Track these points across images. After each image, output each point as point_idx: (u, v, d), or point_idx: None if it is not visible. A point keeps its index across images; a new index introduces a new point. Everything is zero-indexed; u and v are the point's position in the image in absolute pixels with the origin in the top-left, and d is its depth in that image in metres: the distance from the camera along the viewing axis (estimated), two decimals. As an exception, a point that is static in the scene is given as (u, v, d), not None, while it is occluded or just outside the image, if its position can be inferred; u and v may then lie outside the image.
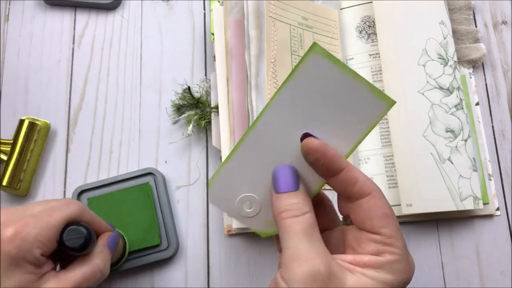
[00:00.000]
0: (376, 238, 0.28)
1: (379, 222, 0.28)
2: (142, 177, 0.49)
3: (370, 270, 0.27)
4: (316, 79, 0.28)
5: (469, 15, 0.53)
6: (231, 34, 0.48)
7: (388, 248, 0.28)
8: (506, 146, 0.50)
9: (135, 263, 0.46)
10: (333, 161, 0.28)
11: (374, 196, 0.28)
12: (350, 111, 0.29)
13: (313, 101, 0.29)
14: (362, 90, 0.28)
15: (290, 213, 0.28)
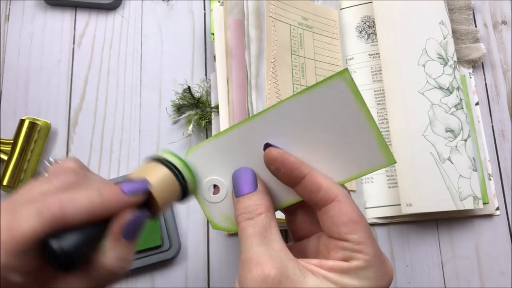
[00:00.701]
0: (344, 245, 0.26)
1: (346, 229, 0.26)
2: None
3: (334, 274, 0.26)
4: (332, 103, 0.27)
5: (469, 15, 0.53)
6: (231, 34, 0.49)
7: (356, 254, 0.26)
8: (506, 146, 0.50)
9: (137, 264, 0.46)
10: (293, 169, 0.28)
11: (339, 202, 0.27)
12: (349, 149, 0.28)
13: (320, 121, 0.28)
14: (370, 134, 0.27)
15: (244, 216, 0.28)
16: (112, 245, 0.26)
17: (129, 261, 0.27)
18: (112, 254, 0.26)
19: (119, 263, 0.27)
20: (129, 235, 0.27)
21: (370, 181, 0.50)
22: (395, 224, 0.49)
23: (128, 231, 0.27)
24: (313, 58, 0.50)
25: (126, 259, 0.27)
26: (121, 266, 0.27)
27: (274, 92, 0.46)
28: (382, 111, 0.51)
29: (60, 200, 0.25)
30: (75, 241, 0.24)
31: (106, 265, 0.26)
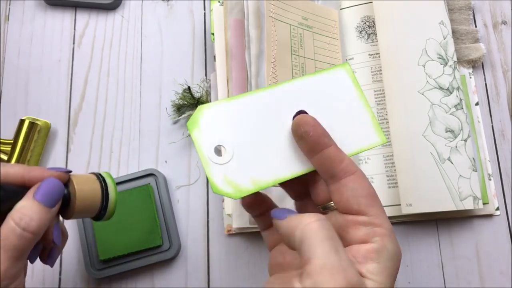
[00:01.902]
0: (364, 220, 0.27)
1: (366, 201, 0.27)
2: (143, 178, 0.49)
3: (373, 264, 0.26)
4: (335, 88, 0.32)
5: (469, 15, 0.53)
6: (231, 34, 0.49)
7: (377, 230, 0.27)
8: (505, 146, 0.50)
9: (137, 264, 0.46)
10: (323, 135, 0.29)
11: (359, 176, 0.28)
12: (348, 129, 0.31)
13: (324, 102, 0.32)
14: (367, 117, 0.32)
15: (312, 216, 0.26)
16: (23, 203, 0.30)
17: (33, 221, 0.29)
18: (20, 209, 0.29)
19: (20, 215, 0.29)
20: (41, 196, 0.30)
21: (370, 181, 0.49)
22: (395, 224, 0.49)
23: (40, 191, 0.30)
24: (313, 58, 0.50)
25: (28, 214, 0.29)
26: (21, 218, 0.29)
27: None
28: (382, 111, 0.51)
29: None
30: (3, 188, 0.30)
31: (11, 215, 0.29)
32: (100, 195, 0.34)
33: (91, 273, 0.46)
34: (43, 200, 0.30)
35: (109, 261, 0.46)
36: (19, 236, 0.29)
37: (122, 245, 0.46)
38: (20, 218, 0.29)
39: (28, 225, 0.29)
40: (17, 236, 0.29)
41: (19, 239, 0.29)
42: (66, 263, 0.48)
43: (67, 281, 0.48)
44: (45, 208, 0.30)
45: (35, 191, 0.30)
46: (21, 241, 0.29)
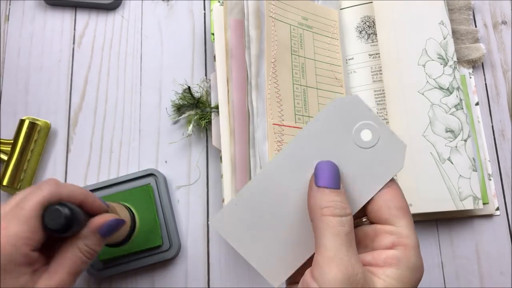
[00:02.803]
0: (392, 229, 0.28)
1: (397, 212, 0.28)
2: (144, 178, 0.49)
3: (391, 269, 0.27)
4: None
5: (469, 15, 0.53)
6: (231, 34, 0.49)
7: (403, 240, 0.27)
8: (505, 146, 0.50)
9: (137, 264, 0.46)
10: None
11: (394, 189, 0.29)
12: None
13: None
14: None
15: (333, 210, 0.27)
16: (87, 234, 0.34)
17: (95, 252, 0.35)
18: (86, 240, 0.34)
19: (87, 249, 0.34)
20: (104, 232, 0.35)
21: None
22: (395, 224, 0.49)
23: (105, 229, 0.35)
24: (313, 58, 0.50)
25: (94, 247, 0.35)
26: (89, 252, 0.34)
27: (274, 92, 0.46)
28: (382, 111, 0.51)
29: (56, 182, 0.34)
30: (70, 209, 0.32)
31: (79, 247, 0.34)
32: (130, 223, 0.40)
33: (92, 273, 0.46)
34: (104, 235, 0.35)
35: (109, 261, 0.46)
36: (83, 263, 0.34)
37: (121, 246, 0.46)
38: (87, 252, 0.34)
39: (93, 256, 0.35)
40: (82, 263, 0.34)
41: (82, 265, 0.34)
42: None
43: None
44: (104, 239, 0.36)
45: (101, 228, 0.35)
46: (83, 266, 0.34)
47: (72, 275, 0.33)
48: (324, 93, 0.50)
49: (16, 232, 0.30)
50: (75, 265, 0.33)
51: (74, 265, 0.33)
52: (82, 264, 0.34)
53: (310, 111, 0.48)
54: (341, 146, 0.30)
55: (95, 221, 0.35)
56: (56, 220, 0.31)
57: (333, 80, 0.51)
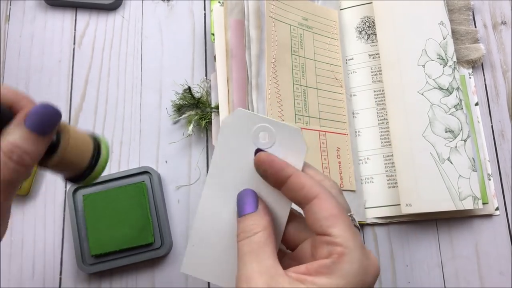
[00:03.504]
0: (327, 239, 0.28)
1: (326, 222, 0.28)
2: (138, 175, 0.49)
3: (322, 278, 0.27)
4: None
5: (469, 15, 0.53)
6: (231, 34, 0.49)
7: (337, 248, 0.27)
8: (505, 146, 0.50)
9: (128, 260, 0.46)
10: (279, 170, 0.30)
11: (320, 198, 0.29)
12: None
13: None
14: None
15: (242, 235, 0.30)
16: (11, 129, 0.26)
17: (25, 152, 0.26)
18: (8, 137, 0.26)
19: (11, 147, 0.26)
20: (31, 122, 0.26)
21: (370, 181, 0.50)
22: (395, 224, 0.49)
23: (32, 117, 0.26)
24: (313, 59, 0.50)
25: (20, 145, 0.26)
26: (13, 151, 0.26)
27: (275, 92, 0.46)
28: (382, 112, 0.51)
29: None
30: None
31: (1, 146, 0.26)
32: (92, 149, 0.30)
33: (82, 267, 0.46)
34: (36, 129, 0.26)
35: (101, 257, 0.46)
36: (12, 171, 0.26)
37: (114, 241, 0.46)
38: (11, 150, 0.26)
39: (21, 159, 0.26)
40: (10, 170, 0.26)
41: (12, 173, 0.26)
42: (67, 263, 0.48)
43: (67, 281, 0.48)
44: (38, 137, 0.26)
45: (26, 117, 0.26)
46: (14, 175, 0.26)
47: (7, 193, 0.26)
48: (324, 93, 0.50)
49: None
50: (4, 177, 0.26)
51: (4, 178, 0.26)
52: (14, 175, 0.26)
53: (310, 111, 0.48)
54: (250, 160, 0.31)
55: (19, 113, 0.27)
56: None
57: (333, 80, 0.51)
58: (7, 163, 0.26)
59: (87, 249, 0.47)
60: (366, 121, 0.52)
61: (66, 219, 0.50)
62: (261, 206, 0.31)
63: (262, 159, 0.30)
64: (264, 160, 0.30)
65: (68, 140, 0.28)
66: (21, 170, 0.26)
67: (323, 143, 0.48)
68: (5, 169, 0.26)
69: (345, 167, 0.48)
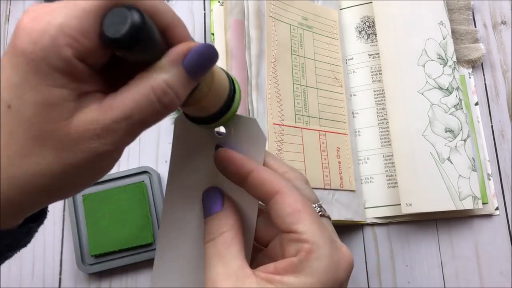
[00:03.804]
0: (293, 237, 0.26)
1: (290, 219, 0.26)
2: (138, 175, 0.49)
3: (290, 277, 0.25)
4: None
5: (469, 15, 0.53)
6: (231, 34, 0.49)
7: (304, 245, 0.26)
8: (505, 146, 0.50)
9: (127, 260, 0.47)
10: (239, 166, 0.28)
11: (282, 193, 0.27)
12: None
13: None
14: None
15: (208, 237, 0.28)
16: (165, 65, 0.22)
17: (177, 94, 0.23)
18: (164, 75, 0.22)
19: (165, 83, 0.22)
20: (190, 63, 0.23)
21: (370, 181, 0.50)
22: (395, 224, 0.49)
23: (191, 57, 0.23)
24: (313, 58, 0.50)
25: (176, 83, 0.22)
26: (168, 87, 0.22)
27: (275, 92, 0.46)
28: (381, 111, 0.51)
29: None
30: (141, 16, 0.21)
31: (152, 82, 0.22)
32: (227, 94, 0.27)
33: (82, 267, 0.46)
34: (193, 71, 0.23)
35: (101, 257, 0.47)
36: (155, 113, 0.22)
37: (113, 241, 0.46)
38: (164, 92, 0.22)
39: (171, 102, 0.23)
40: (153, 111, 0.22)
41: (153, 115, 0.22)
42: (66, 263, 0.48)
43: (67, 281, 0.48)
44: (191, 80, 0.23)
45: (187, 57, 0.23)
46: (154, 118, 0.23)
47: (131, 121, 0.22)
48: (324, 93, 0.50)
49: (60, 22, 0.20)
50: (138, 106, 0.22)
51: (138, 106, 0.22)
52: (154, 117, 0.23)
53: (310, 111, 0.48)
54: (209, 155, 0.29)
55: (178, 48, 0.23)
56: (118, 26, 0.21)
57: (333, 80, 0.51)
58: (154, 104, 0.22)
59: (87, 249, 0.47)
60: (366, 121, 0.52)
61: (65, 219, 0.50)
62: (227, 205, 0.29)
63: (221, 156, 0.28)
64: (222, 157, 0.28)
65: (211, 80, 0.26)
66: (164, 114, 0.23)
67: (323, 143, 0.48)
68: (149, 110, 0.22)
69: (345, 167, 0.48)
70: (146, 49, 0.22)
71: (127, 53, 0.21)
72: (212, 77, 0.26)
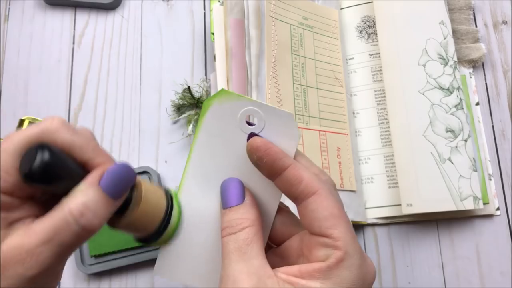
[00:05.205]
0: (325, 241, 0.25)
1: (326, 223, 0.25)
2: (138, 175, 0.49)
3: (315, 282, 0.24)
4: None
5: (469, 15, 0.53)
6: (231, 34, 0.48)
7: (336, 252, 0.25)
8: (506, 146, 0.50)
9: (127, 260, 0.46)
10: (276, 159, 0.27)
11: (320, 195, 0.26)
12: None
13: None
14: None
15: (227, 230, 0.27)
16: (81, 189, 0.24)
17: (98, 210, 0.24)
18: (80, 197, 0.24)
19: (80, 207, 0.23)
20: (106, 183, 0.25)
21: (371, 181, 0.50)
22: (395, 224, 0.48)
23: (109, 178, 0.25)
24: (313, 58, 0.50)
25: (92, 205, 0.24)
26: (82, 211, 0.23)
27: (275, 92, 0.46)
28: (382, 111, 0.51)
29: (61, 122, 0.25)
30: (53, 154, 0.23)
31: (67, 208, 0.23)
32: (163, 214, 0.28)
33: (81, 268, 0.46)
34: (110, 191, 0.25)
35: (100, 257, 0.46)
36: (74, 234, 0.23)
37: (113, 241, 0.46)
38: (81, 213, 0.23)
39: (90, 223, 0.24)
40: (72, 233, 0.23)
41: (73, 237, 0.23)
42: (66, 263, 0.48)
43: (66, 281, 0.48)
44: (110, 200, 0.25)
45: (103, 177, 0.25)
46: (75, 239, 0.24)
47: (52, 244, 0.23)
48: (324, 93, 0.50)
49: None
50: (57, 229, 0.23)
51: (56, 229, 0.23)
52: (74, 239, 0.24)
53: (310, 111, 0.48)
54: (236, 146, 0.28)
55: (95, 171, 0.25)
56: (30, 163, 0.23)
57: (333, 80, 0.51)
58: (72, 225, 0.23)
59: (86, 250, 0.47)
60: (366, 121, 0.51)
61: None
62: (248, 198, 0.28)
63: (258, 145, 0.27)
64: (259, 146, 0.27)
65: (139, 200, 0.27)
66: (84, 236, 0.24)
67: (323, 143, 0.48)
68: (68, 232, 0.23)
69: (346, 167, 0.48)
70: (60, 181, 0.24)
71: (41, 186, 0.24)
72: (140, 196, 0.27)
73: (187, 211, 0.29)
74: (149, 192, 0.28)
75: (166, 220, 0.28)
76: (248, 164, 0.28)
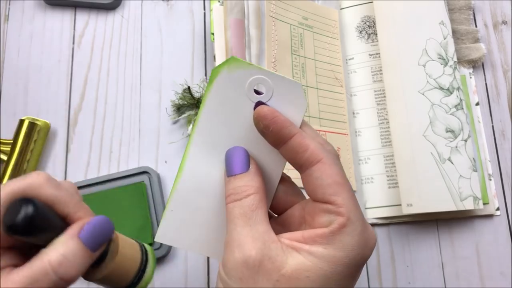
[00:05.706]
0: (329, 208, 0.26)
1: (329, 190, 0.26)
2: (137, 175, 0.49)
3: (318, 247, 0.25)
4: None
5: (469, 15, 0.53)
6: (231, 34, 0.48)
7: (339, 218, 0.25)
8: (506, 146, 0.50)
9: None
10: (283, 127, 0.27)
11: (324, 163, 0.27)
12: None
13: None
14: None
15: (232, 197, 0.27)
16: (62, 241, 0.25)
17: (76, 262, 0.25)
18: (60, 248, 0.25)
19: (58, 258, 0.25)
20: (86, 236, 0.26)
21: (370, 181, 0.50)
22: (395, 225, 0.49)
23: (88, 231, 0.26)
24: (313, 58, 0.50)
25: (71, 257, 0.25)
26: (61, 262, 0.25)
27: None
28: (382, 111, 0.51)
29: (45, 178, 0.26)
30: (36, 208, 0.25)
31: (46, 258, 0.24)
32: (138, 267, 0.30)
33: None
34: (89, 243, 0.26)
35: None
36: (51, 284, 0.24)
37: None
38: (60, 263, 0.25)
39: (67, 273, 0.25)
40: (50, 283, 0.24)
41: (50, 286, 0.24)
42: (66, 263, 0.48)
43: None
44: (88, 252, 0.26)
45: (82, 230, 0.26)
46: (48, 283, 0.24)
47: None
48: (324, 93, 0.50)
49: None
50: (34, 279, 0.24)
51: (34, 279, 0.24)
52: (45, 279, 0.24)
53: (310, 111, 0.48)
54: (242, 114, 0.29)
55: (75, 223, 0.27)
56: (13, 216, 0.24)
57: (333, 80, 0.51)
58: (50, 275, 0.24)
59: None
60: (366, 121, 0.51)
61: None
62: (253, 166, 0.28)
63: (264, 113, 0.28)
64: (266, 114, 0.27)
65: (115, 253, 0.28)
66: (61, 286, 0.25)
67: (323, 143, 0.48)
68: (46, 281, 0.24)
69: (346, 167, 0.48)
70: (42, 234, 0.25)
71: (23, 238, 0.25)
72: (116, 250, 0.28)
73: (191, 177, 0.30)
74: (125, 245, 0.30)
75: (140, 273, 0.30)
76: (254, 132, 0.29)
